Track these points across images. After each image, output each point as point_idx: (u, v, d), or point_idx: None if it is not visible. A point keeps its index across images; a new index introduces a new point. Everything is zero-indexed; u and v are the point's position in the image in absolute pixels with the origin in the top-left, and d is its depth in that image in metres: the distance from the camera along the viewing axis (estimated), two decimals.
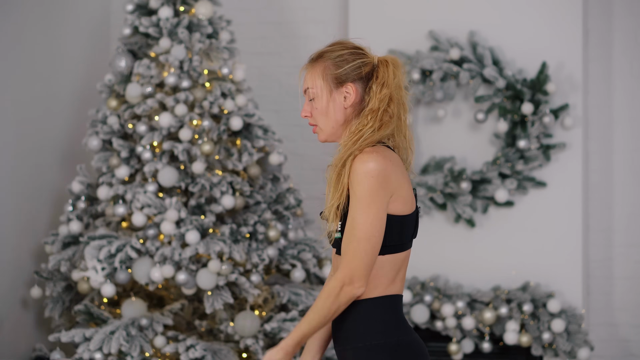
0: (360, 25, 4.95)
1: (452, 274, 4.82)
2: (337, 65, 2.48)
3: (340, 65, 2.48)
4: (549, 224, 4.76)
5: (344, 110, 2.49)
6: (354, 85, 2.48)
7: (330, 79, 2.48)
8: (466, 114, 4.87)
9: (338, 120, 2.49)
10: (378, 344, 2.40)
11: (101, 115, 4.47)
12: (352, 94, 2.47)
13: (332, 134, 2.51)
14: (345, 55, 2.49)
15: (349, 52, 2.50)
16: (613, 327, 4.92)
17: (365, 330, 2.42)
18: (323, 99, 2.48)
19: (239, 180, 4.39)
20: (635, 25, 4.96)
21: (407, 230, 2.44)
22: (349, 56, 2.49)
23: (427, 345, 4.82)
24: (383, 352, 2.40)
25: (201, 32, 4.45)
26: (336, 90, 2.48)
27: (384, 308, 2.43)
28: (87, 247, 4.20)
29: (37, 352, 4.44)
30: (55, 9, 4.86)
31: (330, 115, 2.49)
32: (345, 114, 2.49)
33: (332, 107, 2.48)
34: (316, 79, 2.49)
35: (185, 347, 4.09)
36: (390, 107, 2.46)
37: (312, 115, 2.52)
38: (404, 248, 2.45)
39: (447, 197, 4.78)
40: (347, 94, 2.48)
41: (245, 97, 4.49)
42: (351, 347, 2.44)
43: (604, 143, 4.96)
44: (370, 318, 2.42)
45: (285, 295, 4.36)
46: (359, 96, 2.48)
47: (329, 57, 2.49)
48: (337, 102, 2.48)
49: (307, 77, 2.52)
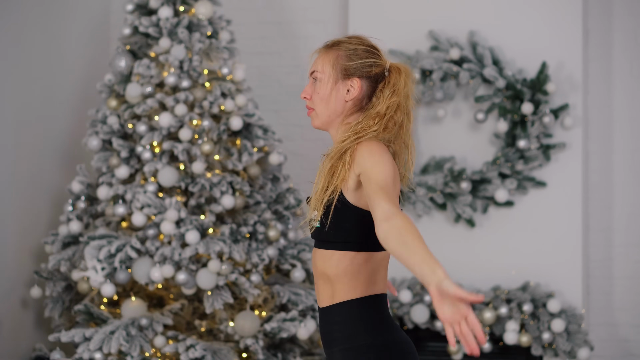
0: (360, 25, 4.95)
1: (452, 274, 4.81)
2: (349, 57, 2.50)
3: (352, 59, 2.50)
4: (549, 224, 4.76)
5: (344, 102, 2.50)
6: (360, 81, 2.50)
7: (339, 69, 2.50)
8: (466, 113, 4.87)
9: (336, 110, 2.51)
10: (365, 344, 2.41)
11: (101, 115, 4.47)
12: (356, 89, 2.49)
13: (327, 122, 2.53)
14: (360, 50, 2.51)
15: (364, 48, 2.52)
16: (613, 327, 4.92)
17: (352, 331, 2.42)
18: (327, 86, 2.50)
19: (239, 180, 4.39)
20: (635, 25, 4.96)
21: None
22: (363, 52, 2.51)
23: (427, 345, 4.82)
24: (370, 352, 2.40)
25: (201, 32, 4.45)
26: (342, 81, 2.50)
27: (368, 308, 2.43)
28: (87, 247, 4.20)
29: (37, 352, 4.44)
30: (55, 9, 4.86)
31: (330, 104, 2.50)
32: (344, 107, 2.51)
33: (333, 96, 2.50)
34: (325, 65, 2.51)
35: (185, 347, 4.09)
36: (396, 114, 2.48)
37: (311, 98, 2.54)
38: (382, 247, 2.44)
39: (447, 197, 4.78)
40: (351, 87, 2.50)
41: (245, 97, 4.49)
42: (339, 349, 2.44)
43: (604, 143, 4.96)
44: (355, 319, 2.42)
45: (285, 295, 4.36)
46: (361, 93, 2.50)
47: (344, 48, 2.52)
48: (340, 93, 2.50)
49: (317, 60, 2.54)
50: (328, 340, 2.48)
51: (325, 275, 2.46)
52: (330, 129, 2.54)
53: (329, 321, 2.47)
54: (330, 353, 2.48)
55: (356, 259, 2.43)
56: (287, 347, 4.47)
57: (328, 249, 2.44)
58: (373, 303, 2.44)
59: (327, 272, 2.45)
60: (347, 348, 2.42)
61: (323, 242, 2.46)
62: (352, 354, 2.42)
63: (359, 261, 2.43)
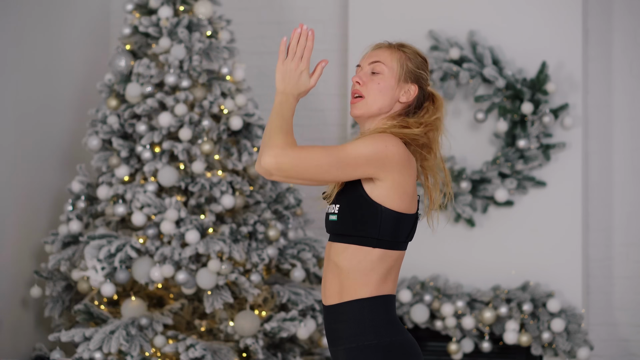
0: (360, 25, 4.95)
1: (452, 274, 4.82)
2: (415, 64, 2.56)
3: (418, 66, 2.56)
4: (549, 223, 4.76)
5: (396, 102, 2.54)
6: (417, 90, 2.55)
7: (405, 70, 2.54)
8: (466, 113, 4.87)
9: (386, 106, 2.53)
10: (371, 344, 2.41)
11: (101, 115, 4.47)
12: (412, 94, 2.54)
13: (371, 114, 2.54)
14: (421, 61, 2.59)
15: (423, 61, 2.60)
16: (613, 327, 4.92)
17: (358, 330, 2.42)
18: (390, 81, 2.53)
19: (238, 179, 4.40)
20: (635, 24, 4.96)
21: (402, 229, 2.45)
22: (423, 64, 2.59)
23: (427, 345, 4.82)
24: (376, 352, 2.40)
25: (201, 32, 4.45)
26: (403, 82, 2.54)
27: (376, 308, 2.43)
28: (87, 246, 4.20)
29: (37, 351, 4.44)
30: (55, 9, 4.86)
31: (386, 98, 2.53)
32: (393, 106, 2.54)
33: (390, 92, 2.53)
34: (394, 61, 2.54)
35: (185, 347, 4.09)
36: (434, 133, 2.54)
37: (365, 86, 2.54)
38: (397, 247, 2.46)
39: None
40: (408, 91, 2.54)
41: (245, 96, 4.49)
42: (344, 348, 2.44)
43: (603, 143, 4.96)
44: (362, 318, 2.42)
45: (285, 294, 4.36)
46: (414, 101, 2.55)
47: (410, 54, 2.57)
48: (396, 92, 2.54)
49: (384, 53, 2.56)
50: (333, 338, 2.48)
51: (337, 269, 2.45)
52: (367, 122, 2.56)
53: (335, 319, 2.46)
54: (335, 351, 2.48)
55: (370, 255, 2.43)
56: (287, 346, 4.47)
57: (343, 242, 2.45)
58: (382, 303, 2.44)
59: (339, 265, 2.45)
60: (353, 347, 2.42)
61: (339, 235, 2.47)
62: (358, 354, 2.42)
63: (372, 258, 2.43)
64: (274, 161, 2.34)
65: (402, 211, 2.43)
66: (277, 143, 2.35)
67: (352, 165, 2.38)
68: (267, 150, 2.34)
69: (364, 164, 2.38)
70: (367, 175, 2.40)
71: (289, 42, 2.46)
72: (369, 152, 2.38)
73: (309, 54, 2.45)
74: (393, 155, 2.41)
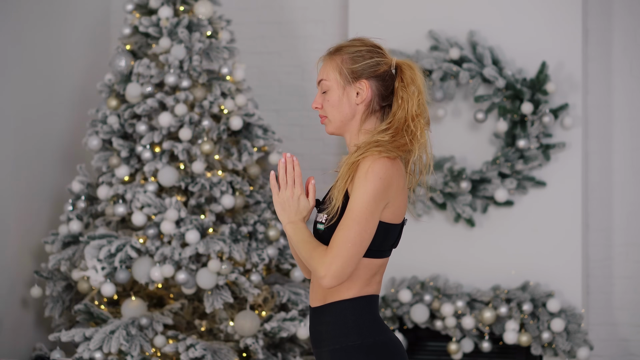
0: (360, 25, 4.95)
1: (452, 274, 4.83)
2: (353, 60, 2.49)
3: (357, 61, 2.49)
4: (549, 223, 4.76)
5: (355, 106, 2.50)
6: (368, 82, 2.49)
7: (345, 73, 2.49)
8: (466, 113, 4.87)
9: (348, 114, 2.50)
10: (354, 345, 2.41)
11: (101, 115, 4.48)
12: (365, 90, 2.48)
13: (340, 127, 2.52)
14: (363, 51, 2.51)
15: (367, 49, 2.52)
16: (612, 327, 4.93)
17: (342, 331, 2.42)
18: (336, 93, 2.49)
19: (238, 179, 4.40)
20: (635, 24, 4.96)
21: (389, 239, 2.46)
22: (366, 53, 2.51)
23: (427, 344, 4.83)
24: (360, 352, 2.40)
25: (201, 32, 4.45)
26: (350, 85, 2.49)
27: (359, 308, 2.43)
28: (87, 246, 4.20)
29: (37, 351, 4.44)
30: (55, 9, 4.86)
31: (342, 109, 2.49)
32: (355, 110, 2.50)
33: (344, 101, 2.49)
34: (330, 72, 2.50)
35: (185, 347, 4.10)
36: (418, 119, 2.46)
37: (322, 107, 2.53)
38: (383, 255, 2.46)
39: (447, 197, 4.78)
40: (360, 90, 2.49)
41: (245, 96, 4.50)
42: (328, 349, 2.45)
43: (603, 143, 4.96)
44: (346, 319, 2.43)
45: (285, 294, 4.37)
46: (371, 94, 2.49)
47: (347, 52, 2.51)
48: (350, 97, 2.49)
49: (322, 68, 2.53)
50: (317, 340, 2.48)
51: None
52: (345, 133, 2.53)
53: (319, 321, 2.47)
54: (319, 353, 2.48)
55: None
56: (287, 346, 4.47)
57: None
58: (366, 304, 2.44)
59: None
60: (337, 348, 2.43)
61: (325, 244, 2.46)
62: (342, 354, 2.42)
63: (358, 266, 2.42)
64: (331, 282, 2.36)
65: (391, 222, 2.43)
66: (319, 270, 2.37)
67: (368, 215, 2.36)
68: (320, 280, 2.37)
69: (375, 207, 2.37)
70: (384, 207, 2.39)
71: (277, 174, 2.49)
72: (370, 195, 2.36)
73: (300, 178, 2.46)
74: (389, 182, 2.39)
